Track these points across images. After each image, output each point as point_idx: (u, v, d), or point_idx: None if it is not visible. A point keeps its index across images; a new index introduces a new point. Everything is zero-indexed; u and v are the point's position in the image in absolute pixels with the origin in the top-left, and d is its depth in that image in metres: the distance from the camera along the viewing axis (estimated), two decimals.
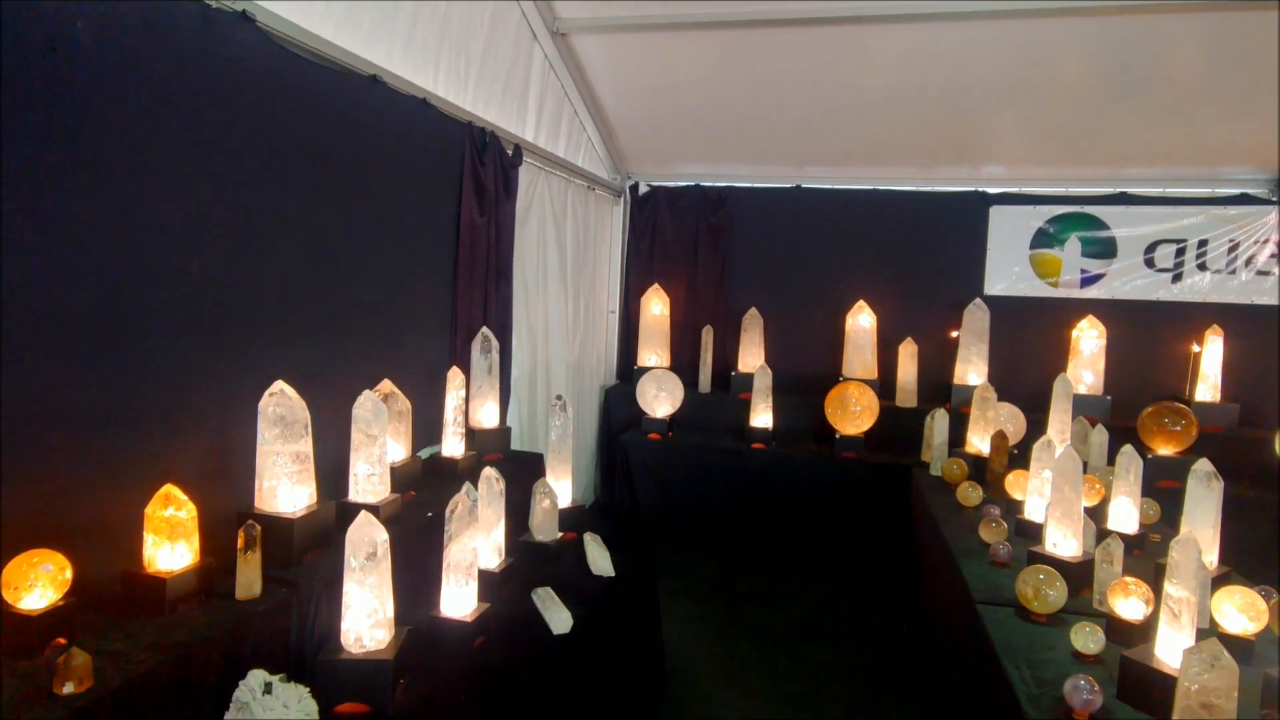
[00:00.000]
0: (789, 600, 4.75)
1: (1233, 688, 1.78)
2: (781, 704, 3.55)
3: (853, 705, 3.56)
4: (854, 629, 4.40)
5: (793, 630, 4.33)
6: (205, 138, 2.34)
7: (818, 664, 3.94)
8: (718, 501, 5.58)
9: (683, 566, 5.15)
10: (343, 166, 3.01)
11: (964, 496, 4.04)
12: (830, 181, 6.21)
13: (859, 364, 5.88)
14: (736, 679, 3.77)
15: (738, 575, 5.10)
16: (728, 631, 4.29)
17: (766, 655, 4.02)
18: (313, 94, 2.79)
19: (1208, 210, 5.59)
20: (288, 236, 2.72)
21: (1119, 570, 2.73)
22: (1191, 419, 4.67)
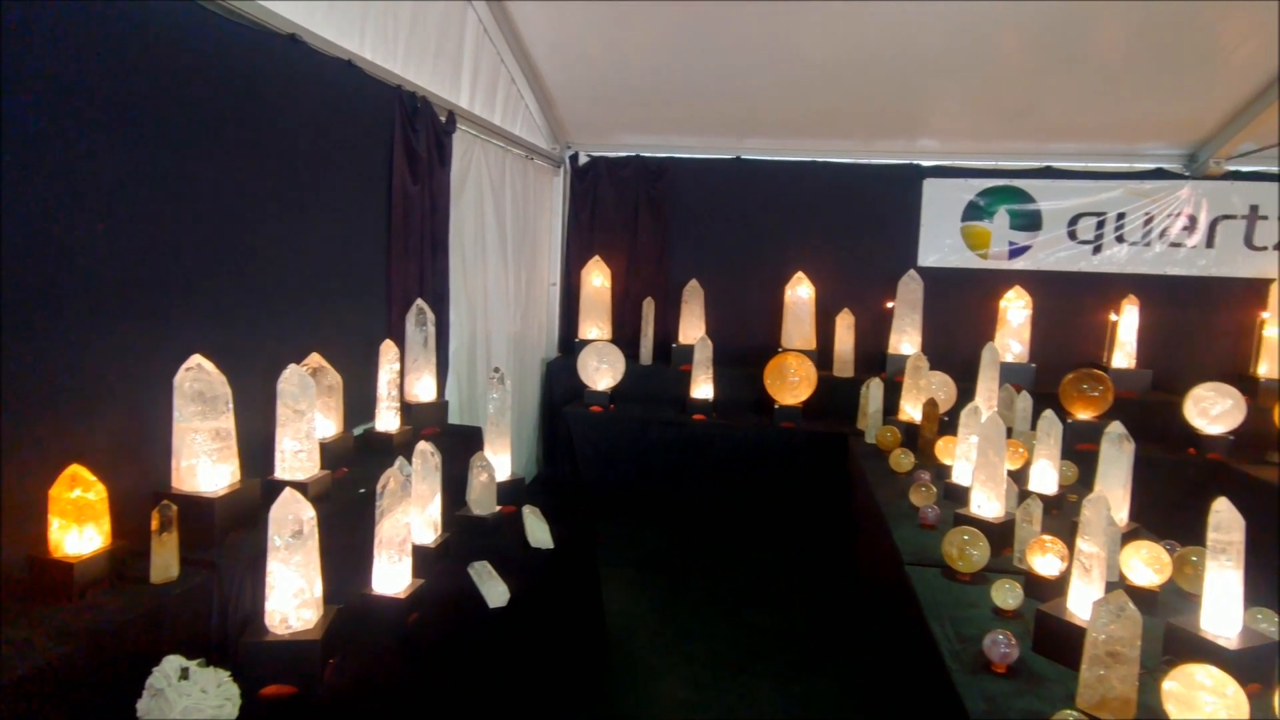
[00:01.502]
0: (729, 567, 4.83)
1: (1136, 636, 1.88)
2: (721, 669, 3.62)
3: (790, 667, 3.65)
4: (792, 593, 4.50)
5: (733, 596, 4.41)
6: (110, 98, 2.20)
7: (757, 628, 4.03)
8: (659, 472, 5.62)
9: (625, 537, 5.18)
10: (263, 130, 2.88)
11: (896, 463, 4.15)
12: (770, 153, 6.23)
13: (798, 335, 5.96)
14: (677, 646, 3.82)
15: (679, 544, 5.16)
16: (669, 600, 4.35)
17: (707, 622, 4.08)
18: (226, 51, 2.65)
19: (1126, 184, 5.81)
20: (203, 202, 2.60)
21: (1038, 529, 2.84)
22: (1108, 385, 4.88)
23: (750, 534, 5.33)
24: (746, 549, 5.12)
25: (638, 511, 5.59)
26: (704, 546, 5.15)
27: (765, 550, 5.11)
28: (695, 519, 5.51)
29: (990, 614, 2.50)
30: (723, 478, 5.51)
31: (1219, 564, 2.12)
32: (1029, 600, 2.50)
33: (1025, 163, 5.94)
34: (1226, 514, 2.11)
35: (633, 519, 5.50)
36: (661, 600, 4.34)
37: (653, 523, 5.48)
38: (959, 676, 2.09)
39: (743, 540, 5.24)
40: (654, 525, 5.44)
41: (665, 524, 5.47)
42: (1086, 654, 1.93)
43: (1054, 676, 2.10)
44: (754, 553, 5.07)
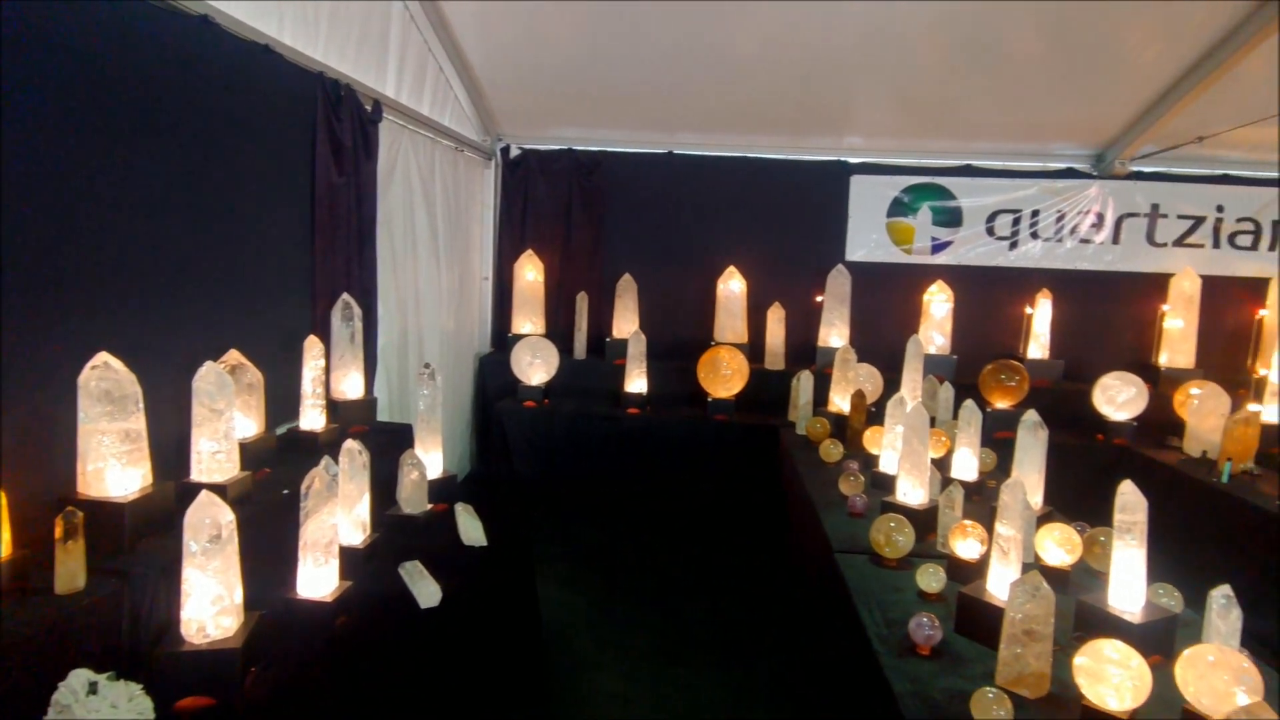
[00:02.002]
0: (665, 559, 4.86)
1: (1050, 615, 1.97)
2: (657, 660, 3.64)
3: (725, 656, 3.70)
4: (726, 583, 4.55)
5: (668, 588, 4.44)
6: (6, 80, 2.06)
7: (692, 619, 4.07)
8: (594, 467, 5.61)
9: (561, 532, 5.16)
10: (174, 117, 2.74)
11: (826, 453, 4.25)
12: (702, 148, 6.28)
13: (730, 329, 6.03)
14: (613, 640, 3.83)
15: (615, 538, 5.17)
16: (605, 594, 4.35)
17: (642, 614, 4.10)
18: (132, 33, 2.51)
19: (1040, 183, 6.07)
20: (109, 193, 2.46)
21: (959, 515, 2.95)
22: (1024, 375, 5.10)
23: (685, 526, 5.38)
24: (681, 541, 5.16)
25: (573, 506, 5.58)
26: (639, 539, 5.17)
27: (700, 541, 5.16)
28: (630, 512, 5.52)
29: (915, 598, 2.58)
30: (657, 471, 5.54)
31: (1124, 543, 2.23)
32: (952, 583, 2.59)
33: (947, 161, 6.14)
34: (1131, 496, 2.22)
35: (568, 514, 5.48)
36: (597, 594, 4.34)
37: (588, 517, 5.47)
38: (886, 659, 2.15)
39: (677, 532, 5.28)
40: (589, 519, 5.44)
41: (600, 518, 5.47)
42: (1004, 633, 2.02)
43: (975, 656, 2.19)
44: (689, 544, 5.11)
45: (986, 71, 5.13)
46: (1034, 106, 5.53)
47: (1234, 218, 5.99)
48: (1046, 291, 5.88)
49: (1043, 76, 5.17)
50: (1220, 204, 5.99)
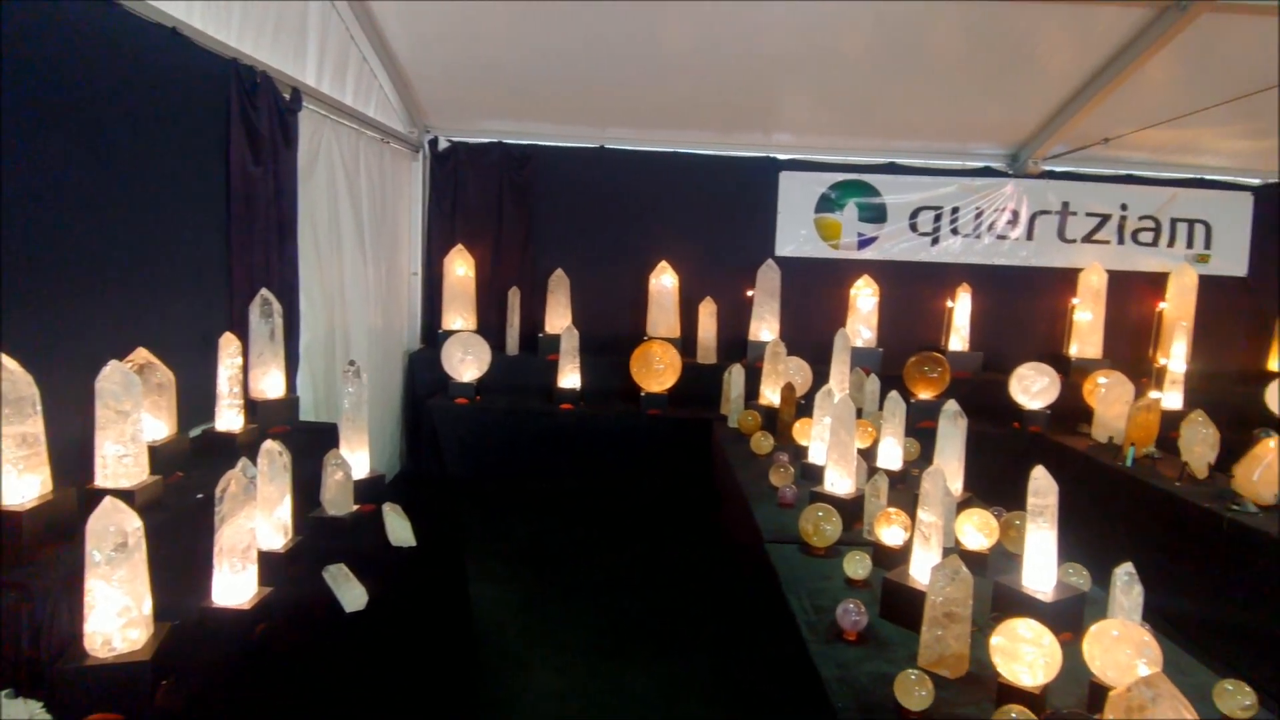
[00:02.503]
0: (599, 554, 4.85)
1: (968, 596, 2.04)
2: (590, 655, 3.63)
3: (659, 649, 3.71)
4: (661, 577, 4.58)
5: (603, 583, 4.44)
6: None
7: (626, 613, 4.07)
8: (528, 463, 5.57)
9: (494, 530, 5.10)
10: (74, 103, 2.58)
11: (757, 445, 4.31)
12: (633, 143, 6.27)
13: (662, 323, 6.05)
14: (547, 637, 3.80)
15: (549, 535, 5.13)
16: (539, 590, 4.31)
17: (577, 610, 4.09)
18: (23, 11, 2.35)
19: (959, 181, 6.29)
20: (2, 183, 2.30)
21: (884, 503, 3.03)
22: (946, 366, 5.28)
23: (619, 520, 5.38)
24: (615, 535, 5.16)
25: (506, 503, 5.52)
26: (573, 535, 5.15)
27: (634, 535, 5.17)
28: (564, 508, 5.49)
29: (843, 585, 2.64)
30: (591, 466, 5.53)
31: (1037, 526, 2.33)
32: (877, 569, 2.66)
33: (872, 158, 6.30)
34: (1043, 480, 2.32)
35: (501, 511, 5.42)
36: (531, 591, 4.30)
37: (521, 514, 5.42)
38: (814, 646, 2.19)
39: (611, 526, 5.28)
40: (523, 516, 5.39)
41: (534, 514, 5.42)
42: (926, 616, 2.08)
43: (899, 639, 2.25)
44: (623, 538, 5.12)
45: (910, 72, 5.27)
46: (954, 107, 5.72)
47: (1137, 215, 6.33)
48: (966, 286, 6.09)
49: (963, 78, 5.35)
50: (1124, 202, 6.32)
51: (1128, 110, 5.40)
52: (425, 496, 5.46)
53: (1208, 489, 3.97)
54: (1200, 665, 2.18)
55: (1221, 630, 3.61)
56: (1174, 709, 1.21)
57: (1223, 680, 1.96)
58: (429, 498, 5.41)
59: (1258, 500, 3.65)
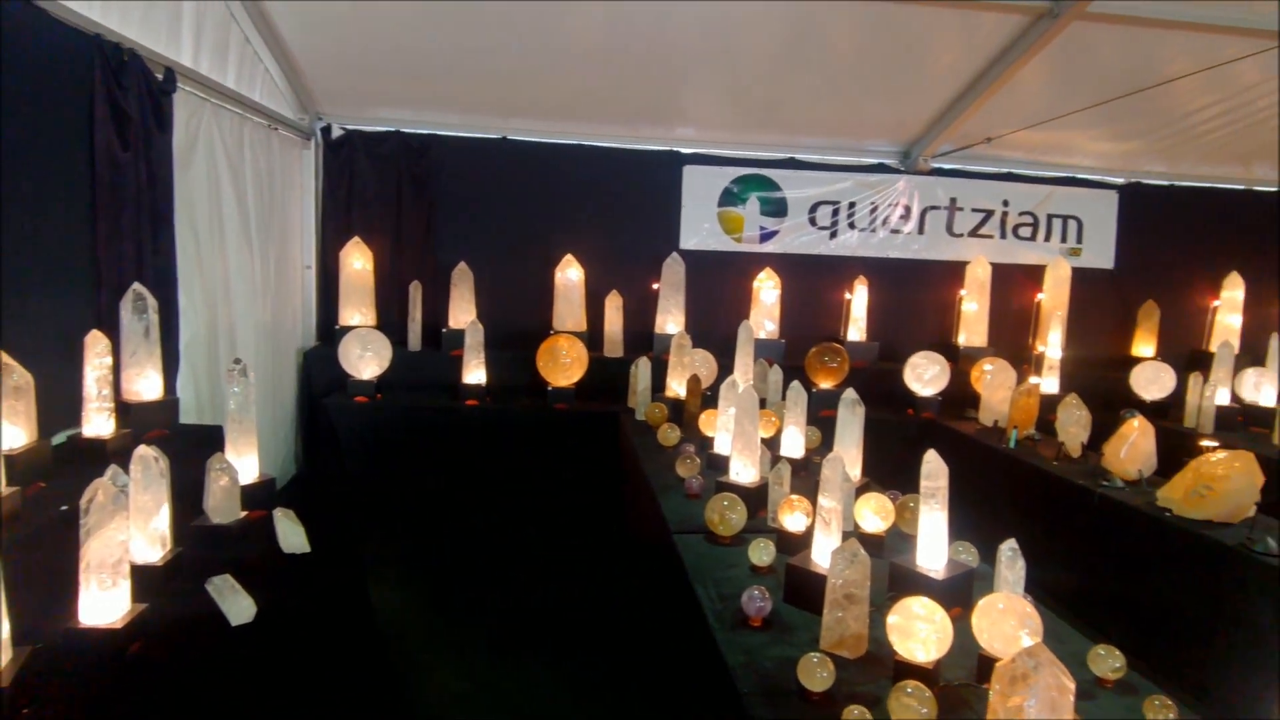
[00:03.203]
0: (506, 552, 4.78)
1: (866, 578, 2.10)
2: (498, 655, 3.57)
3: (568, 645, 3.69)
4: (569, 572, 4.54)
5: (510, 581, 4.37)
6: None
7: (534, 611, 4.02)
8: (432, 461, 5.41)
9: (397, 531, 4.94)
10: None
11: (664, 437, 4.33)
12: (536, 134, 6.18)
13: (568, 317, 6.00)
14: (452, 638, 3.71)
15: (455, 534, 5.02)
16: (444, 592, 4.21)
17: (483, 610, 4.01)
18: None
19: (855, 177, 6.50)
20: None
21: (787, 490, 3.09)
22: (845, 356, 5.45)
23: (527, 517, 5.31)
24: (523, 532, 5.09)
25: (410, 503, 5.35)
26: (480, 533, 5.05)
27: (542, 532, 5.12)
28: (471, 506, 5.38)
29: (748, 572, 2.68)
30: (498, 462, 5.43)
31: (929, 507, 2.43)
32: (781, 555, 2.71)
33: (772, 154, 6.43)
34: (935, 464, 2.42)
35: (404, 511, 5.26)
36: (435, 593, 4.19)
37: (426, 513, 5.27)
38: (720, 634, 2.21)
39: (520, 523, 5.21)
40: (427, 516, 5.24)
41: (439, 513, 5.28)
42: (827, 599, 2.13)
43: (802, 624, 2.30)
44: (531, 535, 5.06)
45: (810, 70, 5.40)
46: (851, 105, 5.91)
47: (1017, 211, 6.70)
48: (863, 278, 6.31)
49: (858, 77, 5.52)
50: (1006, 199, 6.68)
51: (1007, 111, 5.71)
52: (323, 500, 5.23)
53: (1081, 467, 4.25)
54: (1076, 633, 2.32)
55: (1095, 598, 3.87)
56: (1054, 676, 1.27)
57: (1096, 645, 2.09)
58: (327, 501, 5.19)
59: (1124, 476, 3.93)
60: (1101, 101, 5.35)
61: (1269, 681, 1.54)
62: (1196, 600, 3.31)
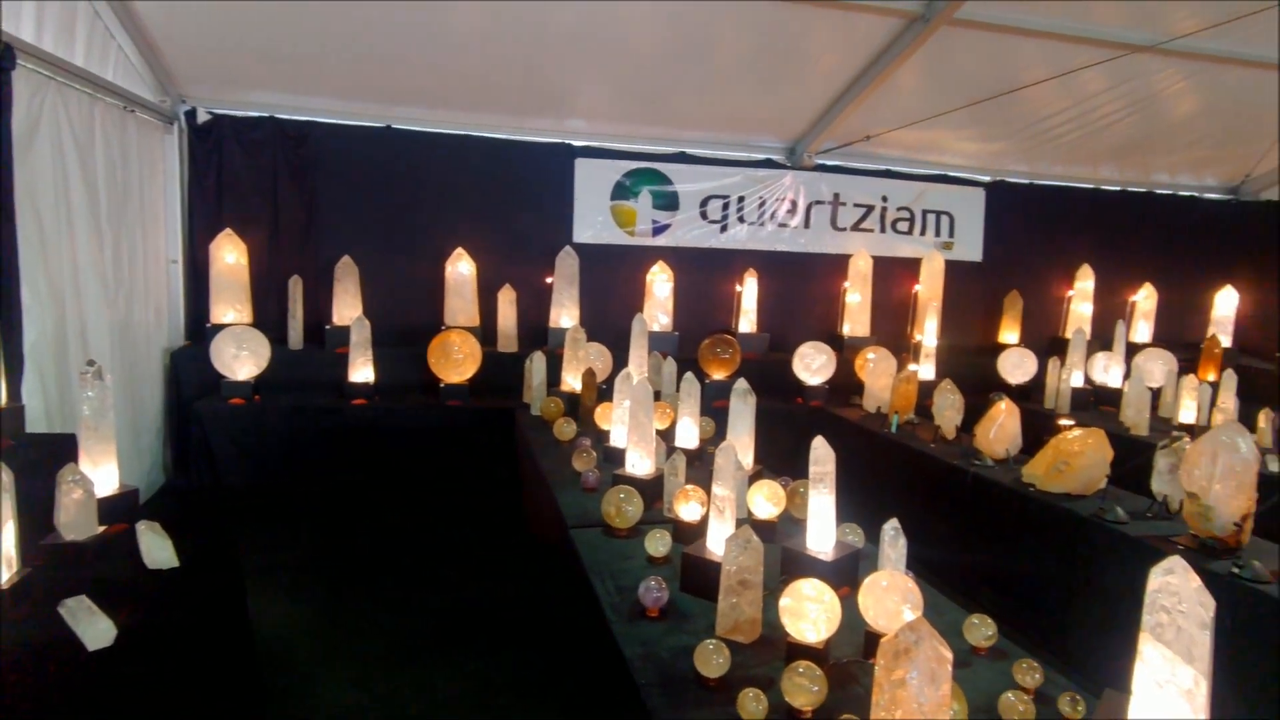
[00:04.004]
0: (401, 555, 4.62)
1: (759, 564, 2.15)
2: (391, 662, 3.44)
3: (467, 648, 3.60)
4: (467, 572, 4.44)
5: (405, 584, 4.22)
6: None
7: (432, 613, 3.90)
8: (318, 465, 5.18)
9: (280, 540, 4.68)
10: None
11: (560, 431, 4.29)
12: (423, 124, 6.00)
13: (460, 312, 5.87)
14: (342, 647, 3.55)
15: (344, 539, 4.80)
16: (334, 600, 4.02)
17: (377, 616, 3.86)
18: None
19: (744, 171, 6.65)
20: None
21: (682, 480, 3.12)
22: (736, 348, 5.57)
23: (422, 517, 5.15)
24: (418, 533, 4.93)
25: (294, 510, 5.08)
26: (371, 537, 4.85)
27: (438, 532, 4.98)
28: (360, 509, 5.17)
29: (645, 563, 2.69)
30: (389, 463, 5.25)
31: (818, 492, 2.51)
32: (677, 545, 2.74)
33: (663, 147, 6.48)
34: (822, 450, 2.49)
35: (289, 519, 4.99)
36: (324, 601, 4.00)
37: (312, 520, 5.02)
38: (618, 627, 2.21)
39: (414, 525, 5.05)
40: (314, 522, 4.99)
41: (327, 519, 5.04)
42: (722, 586, 2.17)
43: (699, 611, 2.32)
44: (426, 536, 4.90)
45: (698, 65, 5.47)
46: (739, 101, 6.03)
47: (895, 206, 7.03)
48: (753, 271, 6.46)
49: (746, 74, 5.64)
50: (885, 195, 7.00)
51: (885, 111, 5.98)
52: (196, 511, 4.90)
53: (956, 448, 4.51)
54: (954, 604, 2.46)
55: (971, 571, 4.12)
56: (933, 648, 1.33)
57: (970, 615, 2.21)
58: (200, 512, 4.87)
59: (993, 455, 4.19)
60: (968, 104, 5.69)
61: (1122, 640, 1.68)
62: (1058, 568, 3.57)
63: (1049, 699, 1.89)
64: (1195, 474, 3.02)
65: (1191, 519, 3.07)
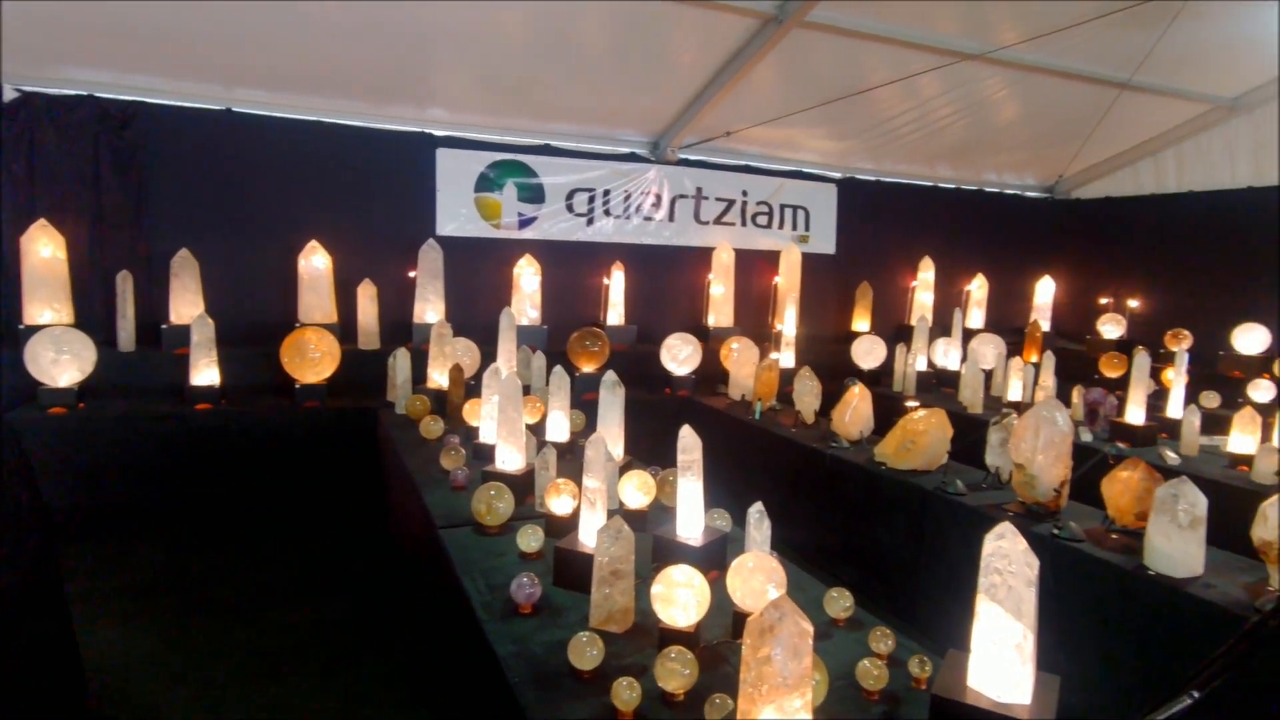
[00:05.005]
0: (254, 568, 4.33)
1: (630, 553, 2.17)
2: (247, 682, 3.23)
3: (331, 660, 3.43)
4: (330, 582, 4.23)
5: (260, 599, 3.97)
6: None
7: (290, 628, 3.69)
8: (158, 477, 4.76)
9: (115, 561, 4.28)
10: None
11: (427, 430, 4.17)
12: (269, 108, 5.64)
13: (316, 308, 5.57)
14: (190, 671, 3.30)
15: (189, 556, 4.45)
16: (178, 621, 3.72)
17: (229, 635, 3.60)
18: None
19: (609, 165, 6.69)
20: None
21: (554, 474, 3.11)
22: (605, 340, 5.60)
23: (278, 527, 4.85)
24: (274, 544, 4.65)
25: (131, 528, 4.65)
26: (221, 551, 4.53)
27: (296, 542, 4.71)
28: (209, 522, 4.81)
29: (518, 560, 2.66)
30: (240, 471, 4.91)
31: (686, 479, 2.56)
32: (550, 540, 2.72)
33: (528, 139, 6.41)
34: (689, 438, 2.55)
35: (124, 538, 4.56)
36: (168, 626, 3.69)
37: (152, 537, 4.61)
38: (489, 625, 2.17)
39: (269, 535, 4.75)
40: (154, 540, 4.59)
41: (169, 535, 4.65)
42: (595, 577, 2.18)
43: (572, 605, 2.32)
44: (283, 547, 4.63)
45: (561, 57, 5.44)
46: (602, 94, 6.05)
47: (755, 201, 7.30)
48: (620, 264, 6.52)
49: (609, 67, 5.66)
50: (745, 189, 7.24)
51: (744, 108, 6.18)
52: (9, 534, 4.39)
53: (815, 432, 4.74)
54: (816, 580, 2.58)
55: (832, 547, 4.35)
56: (795, 624, 1.39)
57: (829, 589, 2.34)
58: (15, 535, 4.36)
59: (848, 437, 4.44)
60: (820, 104, 5.97)
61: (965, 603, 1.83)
62: (908, 539, 3.84)
63: (901, 662, 2.03)
64: (1022, 446, 3.32)
65: (1019, 487, 3.38)
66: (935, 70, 5.69)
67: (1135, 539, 2.96)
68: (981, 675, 1.71)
